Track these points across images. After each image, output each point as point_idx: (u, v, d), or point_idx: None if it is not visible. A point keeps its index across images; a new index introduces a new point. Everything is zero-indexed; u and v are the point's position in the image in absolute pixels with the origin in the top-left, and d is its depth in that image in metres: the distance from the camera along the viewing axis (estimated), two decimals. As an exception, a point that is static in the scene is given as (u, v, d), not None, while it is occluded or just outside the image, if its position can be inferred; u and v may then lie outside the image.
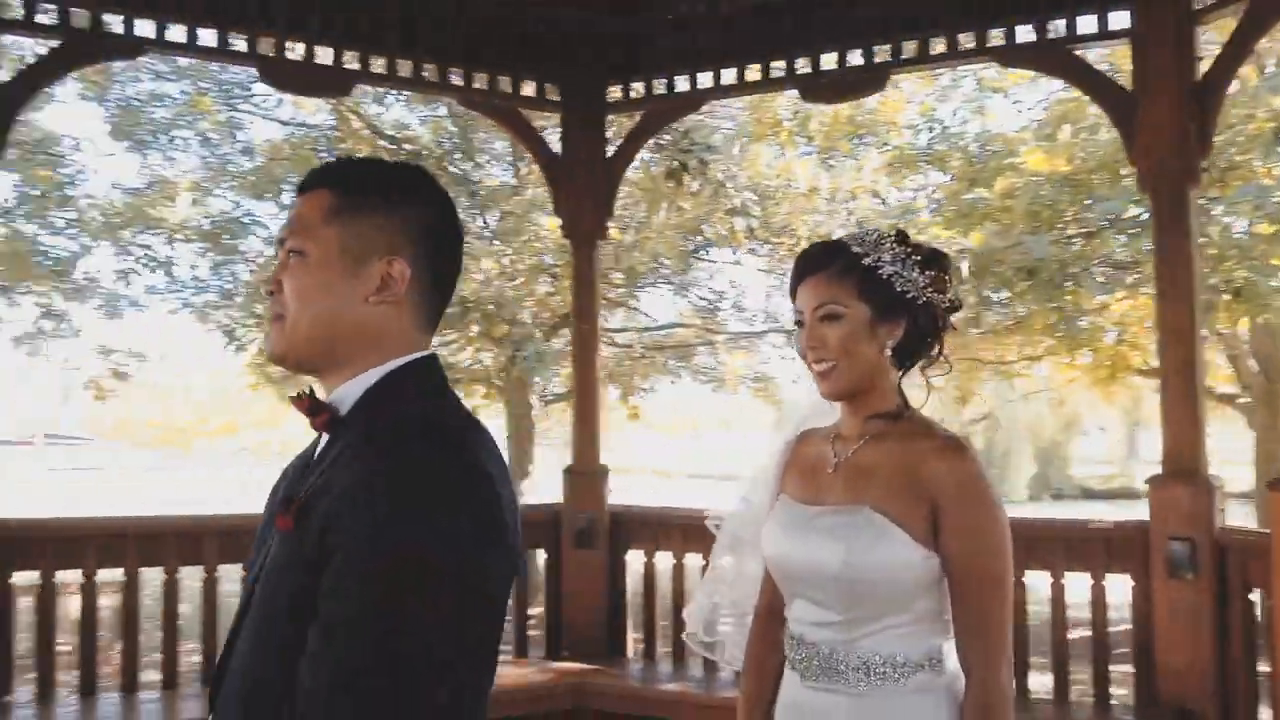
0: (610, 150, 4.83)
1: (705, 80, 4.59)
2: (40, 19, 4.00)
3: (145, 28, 4.17)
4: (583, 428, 4.69)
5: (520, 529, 1.27)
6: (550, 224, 6.82)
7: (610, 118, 5.12)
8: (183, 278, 9.58)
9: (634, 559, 4.60)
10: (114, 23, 4.14)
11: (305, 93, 5.04)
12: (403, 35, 4.45)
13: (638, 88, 4.72)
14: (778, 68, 4.47)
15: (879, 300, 1.76)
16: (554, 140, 4.93)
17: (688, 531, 4.24)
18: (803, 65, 4.42)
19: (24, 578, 3.91)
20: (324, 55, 4.46)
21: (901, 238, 1.83)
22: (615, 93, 4.80)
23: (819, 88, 4.46)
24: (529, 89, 4.73)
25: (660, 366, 9.41)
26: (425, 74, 4.57)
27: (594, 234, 4.67)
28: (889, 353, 1.78)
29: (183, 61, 8.69)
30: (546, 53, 4.68)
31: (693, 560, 4.20)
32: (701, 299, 9.71)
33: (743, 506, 2.03)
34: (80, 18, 4.07)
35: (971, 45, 4.21)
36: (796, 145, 8.61)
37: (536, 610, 5.13)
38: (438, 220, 1.31)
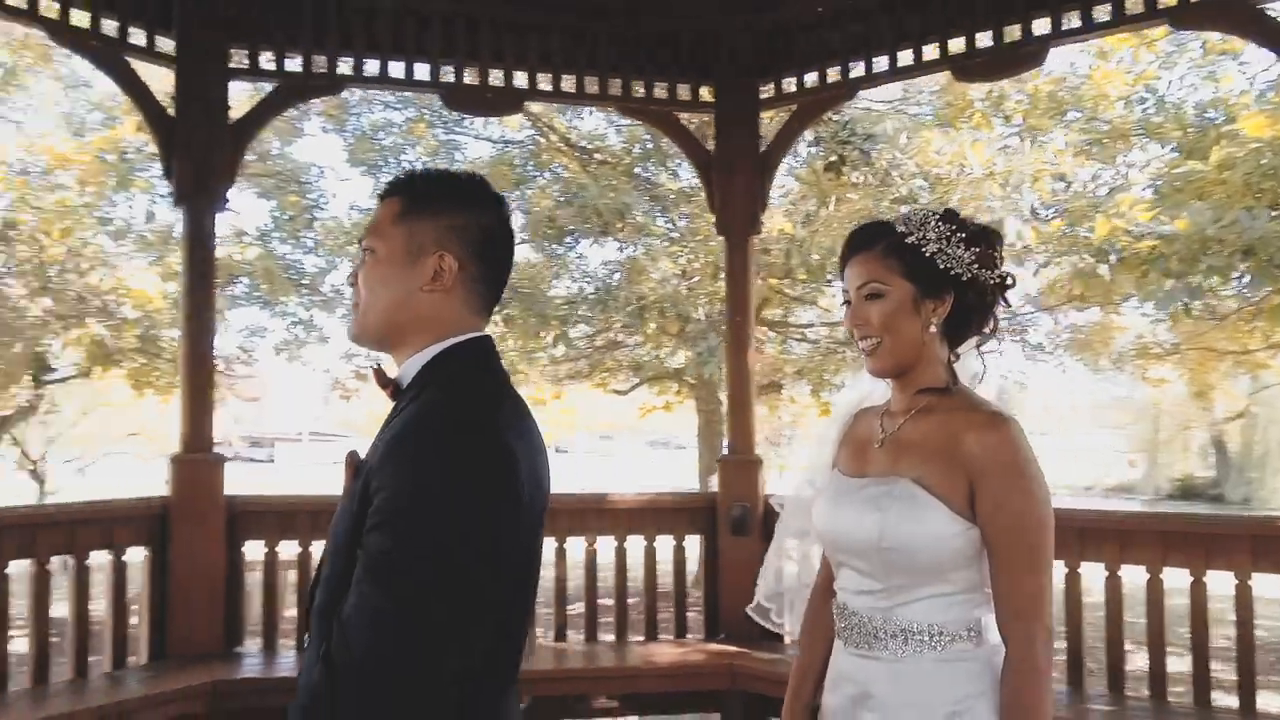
0: (763, 146, 4.88)
1: (857, 69, 4.56)
2: (262, 66, 4.67)
3: (345, 65, 4.75)
4: (736, 419, 4.78)
5: (545, 497, 1.45)
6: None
7: (766, 114, 5.17)
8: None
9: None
10: (319, 63, 4.73)
11: (482, 113, 5.49)
12: (566, 51, 4.76)
13: (789, 82, 4.76)
14: (930, 50, 4.37)
15: (923, 278, 1.79)
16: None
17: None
18: (956, 45, 4.30)
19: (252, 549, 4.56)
20: (496, 77, 4.86)
21: (948, 216, 1.85)
22: (768, 89, 4.85)
23: (973, 67, 4.31)
24: (684, 92, 4.90)
25: (851, 362, 9.26)
26: (587, 86, 4.85)
27: (747, 229, 4.74)
28: (935, 329, 1.81)
29: (407, 92, 9.60)
30: (699, 55, 4.82)
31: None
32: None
33: (806, 489, 2.10)
34: (293, 63, 4.69)
35: (1140, 9, 3.94)
36: (993, 126, 8.23)
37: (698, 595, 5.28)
38: (487, 221, 1.51)
